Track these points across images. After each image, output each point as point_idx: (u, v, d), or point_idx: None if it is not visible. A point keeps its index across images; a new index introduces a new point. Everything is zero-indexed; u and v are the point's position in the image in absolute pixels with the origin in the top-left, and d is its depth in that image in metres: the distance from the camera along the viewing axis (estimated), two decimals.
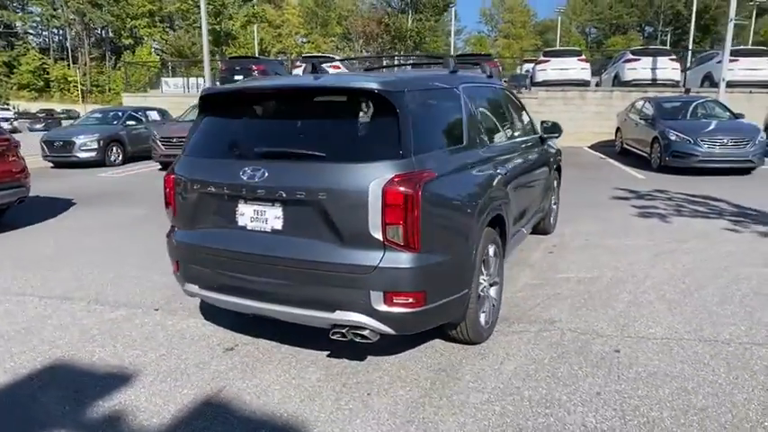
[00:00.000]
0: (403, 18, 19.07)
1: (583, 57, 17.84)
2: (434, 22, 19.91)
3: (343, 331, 2.73)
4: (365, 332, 2.71)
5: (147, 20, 61.79)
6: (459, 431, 2.55)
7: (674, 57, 17.18)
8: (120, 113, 15.33)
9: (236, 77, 18.42)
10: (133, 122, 14.82)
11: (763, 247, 5.37)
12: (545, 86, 16.37)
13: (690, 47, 27.75)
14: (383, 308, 2.63)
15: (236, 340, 3.54)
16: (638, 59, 16.65)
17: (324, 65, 3.37)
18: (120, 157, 14.01)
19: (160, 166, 12.97)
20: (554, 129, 5.12)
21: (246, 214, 2.88)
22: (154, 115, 15.69)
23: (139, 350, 3.44)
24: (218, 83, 18.65)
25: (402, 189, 2.52)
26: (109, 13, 61.42)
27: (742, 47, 16.10)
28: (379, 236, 2.57)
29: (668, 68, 16.47)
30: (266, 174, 2.74)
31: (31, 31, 69.66)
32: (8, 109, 48.03)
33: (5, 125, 25.03)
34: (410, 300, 2.62)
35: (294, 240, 2.75)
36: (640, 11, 57.18)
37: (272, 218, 2.80)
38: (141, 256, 5.51)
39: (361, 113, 2.74)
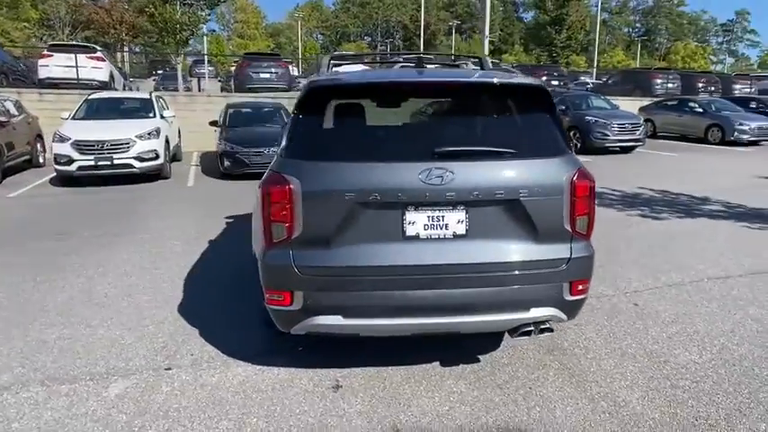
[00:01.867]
0: (171, 9, 16.92)
1: (366, 61, 19.24)
2: (207, 15, 18.47)
3: (532, 328, 2.71)
4: (547, 324, 2.75)
5: None
6: (631, 395, 2.84)
7: (366, 61, 19.37)
8: None
9: None
10: None
11: (614, 215, 7.04)
12: None
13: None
14: (570, 297, 2.72)
15: (328, 377, 3.03)
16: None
17: (82, 55, 3.11)
18: None
19: None
20: None
21: (418, 222, 2.54)
22: None
23: (228, 421, 2.65)
24: None
25: (587, 180, 2.65)
26: None
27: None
28: (569, 228, 2.65)
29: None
30: (454, 175, 2.49)
31: None
32: None
33: None
34: (585, 286, 2.78)
35: (483, 243, 2.58)
36: (362, 22, 64.00)
37: (454, 222, 2.56)
38: (26, 309, 4.00)
39: (525, 109, 2.73)
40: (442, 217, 2.55)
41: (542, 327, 2.73)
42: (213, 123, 11.06)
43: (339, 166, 2.53)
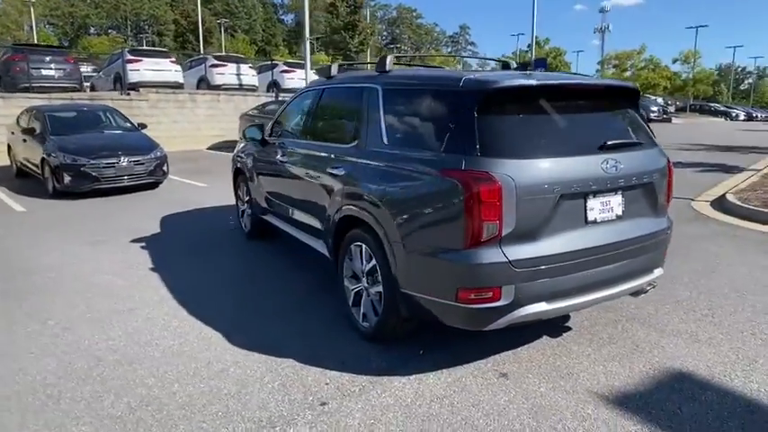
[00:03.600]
0: None
1: (174, 59, 17.16)
2: None
3: (650, 287, 3.33)
4: (656, 283, 3.41)
5: None
6: (706, 330, 3.64)
7: (174, 59, 17.53)
8: None
9: None
10: None
11: None
12: (142, 87, 14.94)
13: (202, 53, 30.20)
14: (664, 258, 3.43)
15: (481, 369, 3.13)
16: (141, 60, 16.03)
17: None
18: None
19: None
20: None
21: (596, 208, 2.89)
22: None
23: (457, 427, 2.58)
24: None
25: (672, 165, 3.38)
26: None
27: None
28: (665, 202, 3.34)
29: (171, 70, 16.66)
30: (622, 164, 2.91)
31: None
32: None
33: None
34: (667, 248, 3.52)
35: (632, 221, 3.06)
36: (107, 13, 55.80)
37: (616, 205, 2.98)
38: (11, 387, 2.99)
39: (630, 106, 3.30)
40: (609, 201, 2.97)
41: (653, 284, 3.39)
42: (29, 131, 8.82)
43: (547, 162, 2.73)
